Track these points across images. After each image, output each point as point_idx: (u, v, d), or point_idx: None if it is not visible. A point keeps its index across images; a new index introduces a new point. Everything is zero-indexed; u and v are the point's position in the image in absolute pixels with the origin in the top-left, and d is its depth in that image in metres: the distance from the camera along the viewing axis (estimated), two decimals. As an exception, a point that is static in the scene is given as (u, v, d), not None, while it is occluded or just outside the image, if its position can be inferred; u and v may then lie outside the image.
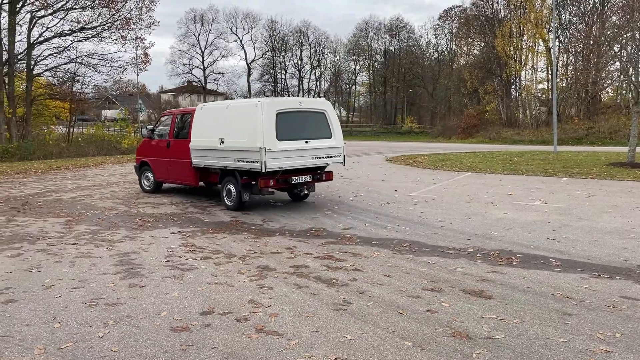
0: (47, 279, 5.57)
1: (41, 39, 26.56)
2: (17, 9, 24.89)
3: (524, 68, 43.53)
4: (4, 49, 24.60)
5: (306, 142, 9.52)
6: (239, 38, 71.72)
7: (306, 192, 10.44)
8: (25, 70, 27.00)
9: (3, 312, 4.57)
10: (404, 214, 9.36)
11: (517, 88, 44.92)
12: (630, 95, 22.62)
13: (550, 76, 37.31)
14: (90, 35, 27.24)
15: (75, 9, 26.18)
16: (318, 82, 71.82)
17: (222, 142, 9.67)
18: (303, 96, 71.90)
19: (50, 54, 27.54)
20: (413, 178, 15.10)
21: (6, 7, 24.63)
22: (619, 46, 21.91)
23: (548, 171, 15.89)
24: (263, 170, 8.92)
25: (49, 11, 25.71)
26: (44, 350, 3.81)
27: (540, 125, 40.17)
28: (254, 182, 9.55)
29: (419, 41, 67.23)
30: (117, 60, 29.20)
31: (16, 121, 25.87)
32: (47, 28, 26.68)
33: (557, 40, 29.52)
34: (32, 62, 26.90)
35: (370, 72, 69.51)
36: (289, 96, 73.26)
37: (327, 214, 9.44)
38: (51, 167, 19.31)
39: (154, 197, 11.56)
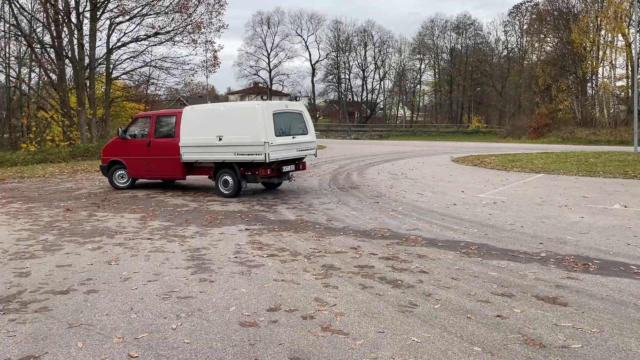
0: (125, 271, 5.87)
1: (119, 44, 28.10)
2: (98, 16, 26.45)
3: (601, 64, 41.14)
4: (86, 54, 26.21)
5: (293, 137, 11.50)
6: (303, 39, 72.56)
7: (293, 179, 12.41)
8: (104, 73, 28.66)
9: (85, 302, 4.86)
10: (472, 215, 9.11)
11: (594, 85, 42.52)
12: None
13: (630, 73, 35.03)
14: (164, 40, 28.50)
15: (150, 14, 27.49)
16: (382, 82, 71.37)
17: (221, 139, 11.15)
18: (367, 96, 71.67)
19: (127, 58, 29.10)
20: (481, 179, 14.66)
21: (88, 14, 26.25)
22: None
23: (628, 173, 14.92)
24: (267, 161, 10.70)
25: (127, 17, 27.15)
26: (122, 340, 4.02)
27: (619, 124, 37.81)
28: (248, 173, 11.24)
29: (487, 38, 65.31)
30: (188, 63, 30.36)
31: (96, 122, 27.49)
32: (125, 34, 28.20)
33: (638, 34, 27.63)
34: (111, 66, 28.53)
35: (436, 70, 68.21)
36: (353, 97, 73.29)
37: (392, 214, 9.36)
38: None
39: (223, 195, 11.90)
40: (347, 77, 71.71)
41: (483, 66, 61.99)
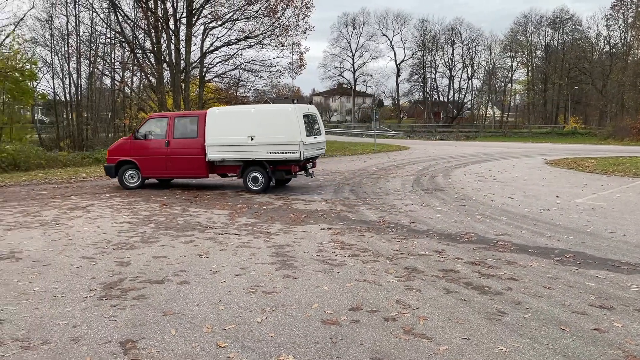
0: (214, 264, 6.15)
1: (212, 48, 29.44)
2: (193, 22, 27.90)
3: None
4: (182, 58, 27.74)
5: (314, 137, 12.57)
6: (389, 39, 72.16)
7: (312, 174, 13.25)
8: (198, 76, 30.18)
9: (178, 292, 5.15)
10: (567, 222, 8.57)
11: None
12: None
13: None
14: (253, 43, 29.46)
15: (241, 19, 28.54)
16: (470, 81, 69.11)
17: (252, 139, 12.00)
18: (454, 95, 69.75)
19: (219, 62, 30.40)
20: (578, 183, 13.76)
21: (184, 20, 27.77)
22: None
23: None
24: (302, 159, 11.87)
25: (219, 23, 28.38)
26: (211, 330, 4.21)
27: None
28: (276, 170, 12.30)
29: (587, 33, 61.14)
30: (275, 66, 31.17)
31: (189, 123, 28.96)
32: (217, 38, 29.47)
33: None
34: (204, 69, 29.97)
35: (529, 68, 64.92)
36: (439, 96, 71.65)
37: (479, 218, 9.03)
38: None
39: (306, 194, 12.11)
40: (433, 76, 70.32)
41: (582, 63, 58.11)
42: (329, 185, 13.81)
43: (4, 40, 30.16)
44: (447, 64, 69.14)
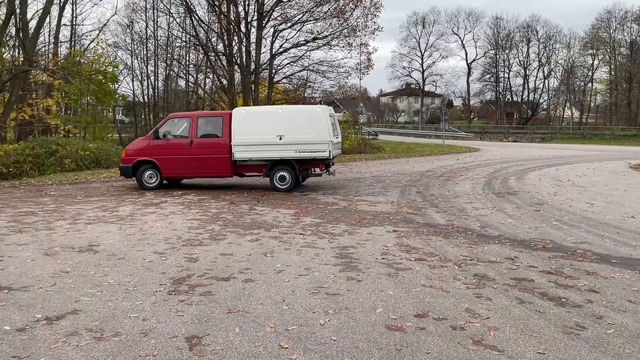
0: (279, 263, 6.17)
1: (281, 50, 29.90)
2: (264, 25, 28.47)
3: None
4: (252, 60, 28.38)
5: (337, 137, 13.19)
6: (460, 38, 70.18)
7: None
8: (267, 78, 30.75)
9: (243, 290, 5.20)
10: (655, 231, 7.90)
11: None
12: None
13: None
14: (321, 44, 29.62)
15: (310, 21, 28.78)
16: (546, 80, 65.92)
17: (281, 138, 12.31)
18: (528, 95, 66.87)
19: (287, 63, 30.82)
20: (667, 189, 12.70)
21: (255, 23, 28.39)
22: None
23: None
24: (331, 157, 12.51)
25: (289, 25, 28.78)
26: (274, 329, 4.20)
27: None
28: (301, 169, 12.78)
29: (678, 28, 56.49)
30: (343, 66, 31.17)
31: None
32: (286, 40, 29.90)
33: None
34: (273, 71, 30.49)
35: (612, 67, 60.96)
36: (512, 96, 69.01)
37: (555, 224, 8.52)
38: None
39: (371, 196, 11.97)
40: (506, 75, 67.63)
41: (672, 60, 53.81)
42: (395, 187, 13.58)
43: (89, 45, 32.16)
44: (521, 62, 66.28)
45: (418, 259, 6.35)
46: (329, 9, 28.32)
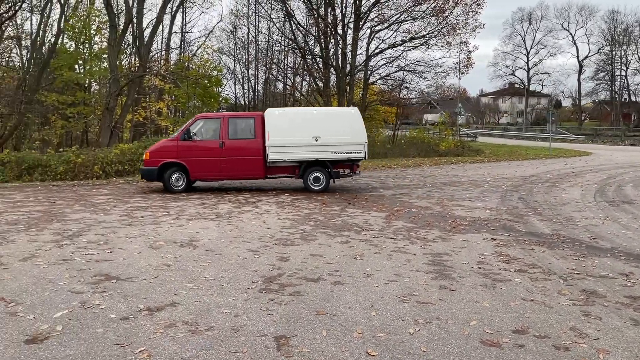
0: (368, 267, 6.08)
1: (377, 50, 29.74)
2: (360, 26, 28.48)
3: None
4: (347, 62, 28.51)
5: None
6: (570, 34, 65.54)
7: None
8: (362, 79, 30.75)
9: (332, 292, 5.17)
10: None
11: None
12: None
13: None
14: (419, 44, 29.05)
15: (407, 20, 28.33)
16: (672, 77, 59.54)
17: (317, 140, 12.38)
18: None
19: (383, 64, 30.58)
20: None
21: (351, 25, 28.49)
22: None
23: None
24: (366, 158, 13.04)
25: (385, 25, 28.54)
26: (362, 335, 4.12)
27: None
28: (334, 170, 12.82)
29: None
30: (440, 66, 30.37)
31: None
32: (382, 40, 29.67)
33: None
34: (368, 72, 30.41)
35: None
36: (630, 96, 63.35)
37: (680, 238, 7.61)
38: (377, 166, 21.41)
39: (468, 200, 11.48)
40: (623, 73, 62.08)
41: None
42: (495, 192, 12.93)
43: (196, 50, 34.16)
44: (641, 58, 60.51)
45: (518, 270, 5.95)
46: (427, 7, 27.68)
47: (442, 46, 28.84)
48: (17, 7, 22.04)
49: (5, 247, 6.84)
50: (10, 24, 25.17)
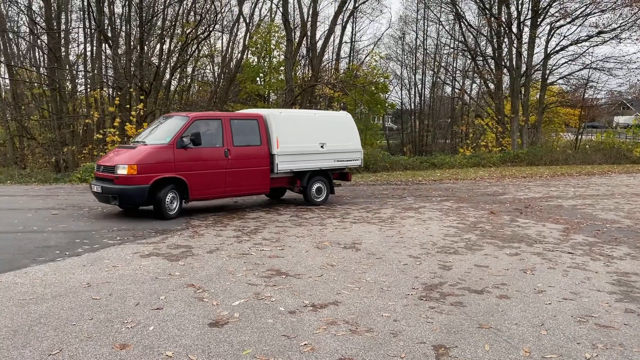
0: (539, 283, 5.63)
1: (557, 48, 27.37)
2: (538, 23, 26.49)
3: None
4: (523, 61, 26.70)
5: None
6: None
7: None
8: (539, 79, 28.52)
9: (497, 306, 4.91)
10: None
11: None
12: None
13: None
14: (608, 39, 26.04)
15: (595, 13, 25.55)
16: None
17: (323, 147, 11.12)
18: None
19: (564, 62, 28.04)
20: None
21: (528, 22, 26.65)
22: None
23: None
24: (362, 166, 12.87)
25: (568, 20, 26.12)
26: (529, 355, 3.84)
27: None
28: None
29: None
30: (635, 62, 26.83)
31: (527, 128, 27.71)
32: (564, 37, 27.22)
33: None
34: (547, 72, 28.11)
35: None
36: None
37: None
38: (555, 173, 19.67)
39: (668, 215, 9.92)
40: None
41: None
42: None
43: (365, 58, 35.09)
44: None
45: None
46: (619, -3, 24.68)
47: (637, 39, 25.47)
48: (211, 29, 25.03)
49: (196, 240, 7.82)
50: (205, 43, 28.66)
